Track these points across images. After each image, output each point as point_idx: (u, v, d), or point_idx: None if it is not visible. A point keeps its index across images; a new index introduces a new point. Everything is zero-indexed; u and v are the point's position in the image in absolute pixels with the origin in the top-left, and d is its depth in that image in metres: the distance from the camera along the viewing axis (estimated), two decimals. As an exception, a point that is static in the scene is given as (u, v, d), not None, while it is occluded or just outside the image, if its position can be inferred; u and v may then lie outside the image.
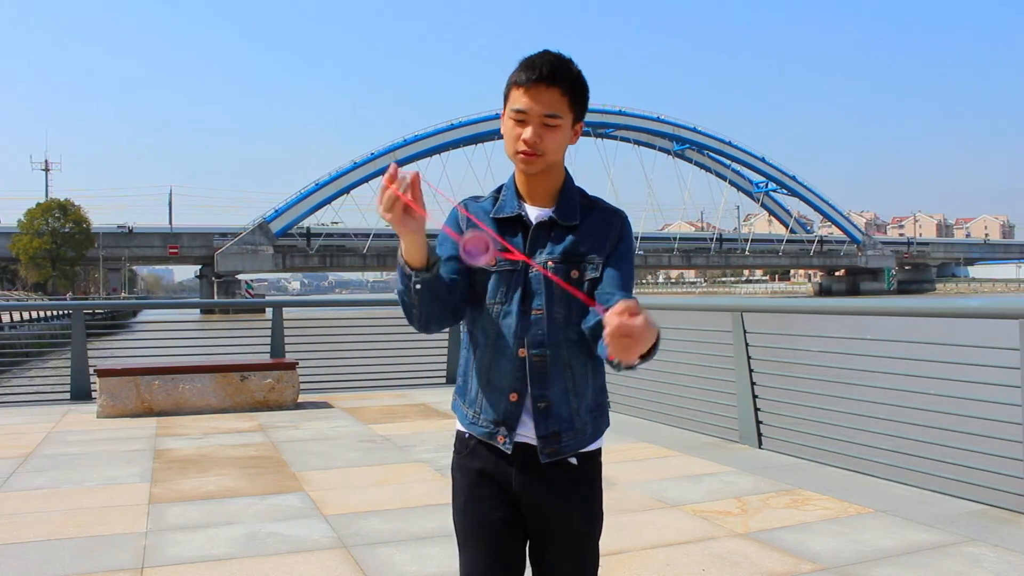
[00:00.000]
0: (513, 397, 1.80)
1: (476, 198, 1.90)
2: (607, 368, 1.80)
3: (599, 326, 1.58)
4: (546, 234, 1.80)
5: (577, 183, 1.87)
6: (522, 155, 1.77)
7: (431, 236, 1.72)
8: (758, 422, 5.94)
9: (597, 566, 1.89)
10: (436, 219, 1.82)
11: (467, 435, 1.88)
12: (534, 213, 1.82)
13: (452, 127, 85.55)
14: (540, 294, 1.77)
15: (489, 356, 1.82)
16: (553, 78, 1.73)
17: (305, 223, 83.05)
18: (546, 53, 1.77)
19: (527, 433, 1.81)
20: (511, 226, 1.82)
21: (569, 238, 1.79)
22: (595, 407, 1.85)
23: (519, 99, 1.75)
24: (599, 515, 1.89)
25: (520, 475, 1.82)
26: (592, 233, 1.80)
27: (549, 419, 1.79)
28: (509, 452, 1.81)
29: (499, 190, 1.88)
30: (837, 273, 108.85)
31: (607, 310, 1.44)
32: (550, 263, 1.77)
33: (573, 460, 1.83)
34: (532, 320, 1.77)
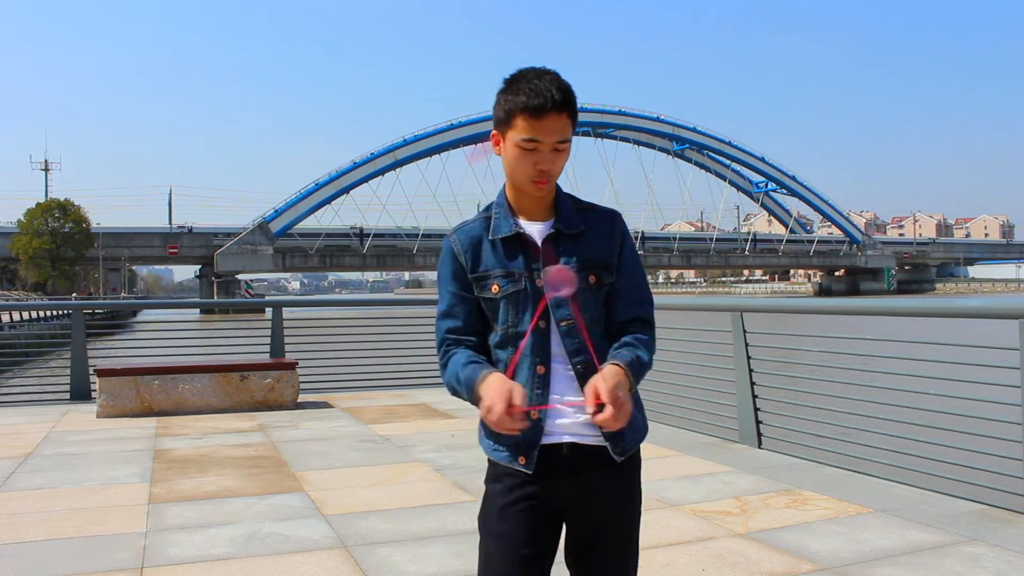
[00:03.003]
0: (533, 415, 1.74)
1: (463, 224, 1.85)
2: None
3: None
4: (555, 247, 1.77)
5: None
6: (538, 183, 1.74)
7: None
8: (758, 422, 5.94)
9: (636, 558, 1.91)
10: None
11: (497, 463, 1.83)
12: (533, 228, 1.78)
13: (452, 127, 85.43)
14: (566, 305, 1.74)
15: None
16: (564, 104, 1.69)
17: (305, 223, 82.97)
18: (544, 75, 1.71)
19: (576, 431, 1.77)
20: (510, 246, 1.78)
21: (579, 245, 1.77)
22: (636, 398, 1.84)
23: (530, 128, 1.69)
24: (640, 513, 1.91)
25: (566, 478, 1.77)
26: (598, 236, 1.80)
27: None
28: (531, 472, 1.76)
29: (488, 209, 1.84)
30: (837, 273, 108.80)
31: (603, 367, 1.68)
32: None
33: (617, 457, 1.79)
34: (563, 331, 1.75)
